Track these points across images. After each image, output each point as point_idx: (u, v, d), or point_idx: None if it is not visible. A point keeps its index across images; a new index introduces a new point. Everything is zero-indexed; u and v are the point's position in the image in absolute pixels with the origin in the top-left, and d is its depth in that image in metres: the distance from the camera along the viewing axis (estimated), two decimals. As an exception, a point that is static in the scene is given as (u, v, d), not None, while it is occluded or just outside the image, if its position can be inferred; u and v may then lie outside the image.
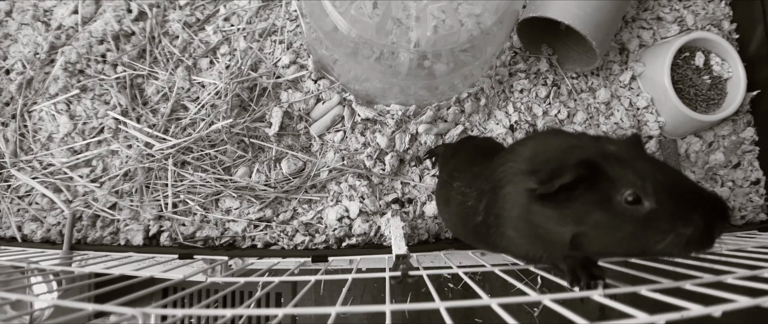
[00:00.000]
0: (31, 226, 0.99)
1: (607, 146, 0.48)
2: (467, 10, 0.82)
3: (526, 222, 0.50)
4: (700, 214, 0.43)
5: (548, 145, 0.51)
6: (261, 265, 0.86)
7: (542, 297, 0.39)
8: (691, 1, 1.12)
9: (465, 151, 0.82)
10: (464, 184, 0.65)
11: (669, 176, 0.45)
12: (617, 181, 0.44)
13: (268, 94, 1.00)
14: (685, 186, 0.45)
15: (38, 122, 1.04)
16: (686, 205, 0.43)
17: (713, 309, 0.33)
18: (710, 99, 1.06)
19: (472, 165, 0.69)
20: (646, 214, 0.44)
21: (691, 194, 0.45)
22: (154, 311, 0.40)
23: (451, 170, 0.74)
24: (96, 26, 1.03)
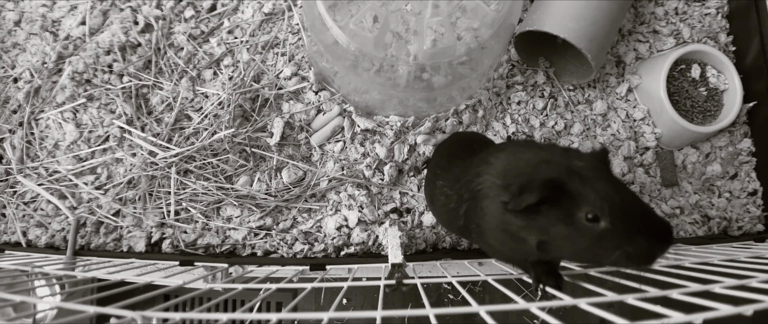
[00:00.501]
0: (36, 231, 1.01)
1: (574, 162, 0.53)
2: (465, 24, 0.84)
3: (502, 231, 0.56)
4: (645, 237, 0.49)
5: (519, 159, 0.57)
6: (260, 273, 0.87)
7: (529, 305, 0.40)
8: (687, 15, 1.14)
9: (446, 147, 0.85)
10: (446, 185, 0.70)
11: (625, 199, 0.51)
12: (579, 200, 0.50)
13: (270, 105, 1.02)
14: (637, 210, 0.51)
15: (45, 130, 1.06)
16: (635, 228, 0.49)
17: (694, 317, 0.34)
18: (706, 110, 1.07)
19: (452, 163, 0.74)
20: (600, 232, 0.50)
21: (641, 218, 0.50)
22: (154, 314, 0.41)
23: (434, 167, 0.80)
24: (103, 37, 1.06)
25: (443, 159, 0.79)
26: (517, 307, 0.40)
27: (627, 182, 1.04)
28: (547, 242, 0.52)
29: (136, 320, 0.41)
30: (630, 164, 1.06)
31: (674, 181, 1.06)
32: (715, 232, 1.04)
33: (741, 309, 0.37)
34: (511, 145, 0.66)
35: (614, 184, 0.52)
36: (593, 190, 0.50)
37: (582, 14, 0.93)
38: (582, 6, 0.93)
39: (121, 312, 0.41)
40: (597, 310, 0.41)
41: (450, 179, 0.69)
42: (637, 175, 1.05)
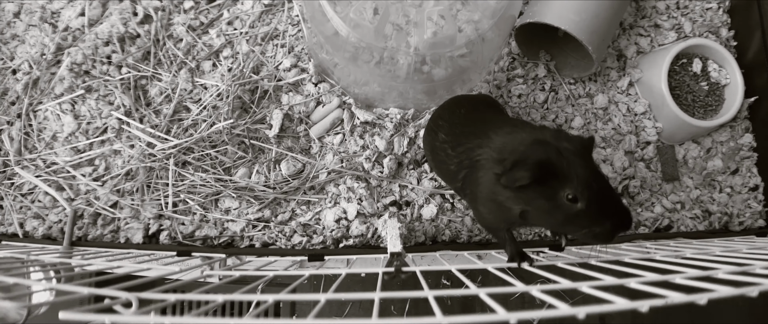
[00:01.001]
0: (33, 223, 1.00)
1: (563, 143, 0.59)
2: (466, 16, 0.84)
3: (492, 200, 0.65)
4: (610, 220, 0.58)
5: (515, 137, 0.64)
6: (258, 264, 0.87)
7: (530, 287, 0.40)
8: (688, 9, 1.14)
9: (451, 102, 0.87)
10: (448, 141, 0.76)
11: (600, 187, 0.59)
12: (563, 181, 0.57)
13: (269, 97, 1.02)
14: (608, 197, 0.60)
15: (43, 121, 1.06)
16: (603, 212, 0.58)
17: (640, 304, 0.34)
18: (708, 105, 1.07)
19: (456, 119, 0.79)
20: (576, 211, 0.58)
21: (610, 205, 0.59)
22: (149, 295, 0.41)
23: (437, 118, 0.84)
24: (102, 28, 1.05)
25: (446, 111, 0.83)
26: (515, 289, 0.39)
27: (627, 176, 1.04)
28: (528, 212, 0.61)
29: (131, 301, 0.40)
30: (631, 158, 1.05)
31: (675, 175, 1.06)
32: (716, 227, 1.04)
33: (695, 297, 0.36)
34: (510, 122, 0.72)
35: (593, 171, 0.59)
36: (576, 174, 0.57)
37: (584, 7, 0.92)
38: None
39: (115, 293, 0.41)
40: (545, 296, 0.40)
41: (452, 138, 0.75)
42: (638, 169, 1.05)
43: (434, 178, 1.00)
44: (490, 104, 0.87)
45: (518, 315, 0.31)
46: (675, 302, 0.33)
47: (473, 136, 0.70)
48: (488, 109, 0.83)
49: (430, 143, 0.83)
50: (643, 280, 0.41)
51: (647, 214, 1.03)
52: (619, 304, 0.33)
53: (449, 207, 0.99)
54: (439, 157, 0.78)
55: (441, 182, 0.99)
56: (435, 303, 0.37)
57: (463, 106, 0.83)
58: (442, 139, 0.78)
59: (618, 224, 0.59)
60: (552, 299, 0.36)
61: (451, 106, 0.85)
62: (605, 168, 1.03)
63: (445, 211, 0.99)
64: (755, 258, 0.54)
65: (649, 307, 0.32)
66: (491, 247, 0.92)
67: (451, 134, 0.76)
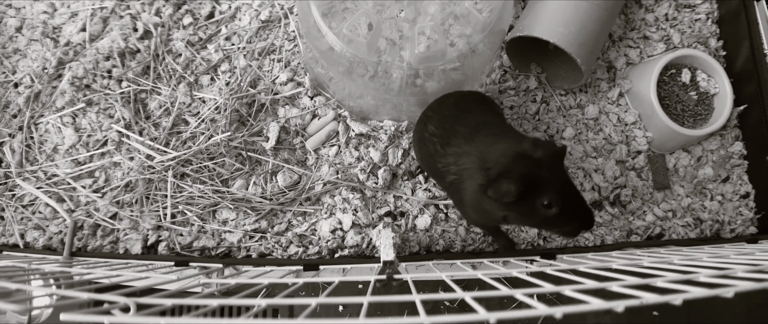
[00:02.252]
0: (34, 233, 1.02)
1: (539, 153, 0.66)
2: (458, 31, 0.86)
3: (477, 205, 0.73)
4: (578, 222, 0.71)
5: (498, 148, 0.70)
6: (255, 273, 0.88)
7: (515, 291, 0.41)
8: (677, 21, 1.16)
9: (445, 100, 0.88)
10: (436, 134, 0.80)
11: (570, 193, 0.70)
12: (540, 191, 0.66)
13: (266, 110, 1.04)
14: (577, 202, 0.71)
15: (44, 134, 1.08)
16: (572, 216, 0.70)
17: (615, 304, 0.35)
18: (697, 114, 1.09)
19: (445, 113, 0.83)
20: (550, 215, 0.68)
21: (578, 209, 0.71)
22: (148, 301, 0.42)
23: (428, 110, 0.87)
24: (103, 43, 1.08)
25: (436, 103, 0.87)
26: (501, 293, 0.40)
27: (619, 185, 1.05)
28: (510, 215, 0.71)
29: (129, 305, 0.42)
30: (622, 168, 1.07)
31: (666, 184, 1.07)
32: (707, 234, 1.05)
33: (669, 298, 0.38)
34: (495, 129, 0.77)
35: (564, 179, 0.70)
36: (551, 184, 0.66)
37: (571, 19, 0.95)
38: (571, 11, 0.95)
39: (114, 297, 0.42)
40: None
41: (441, 132, 0.80)
42: (630, 178, 1.06)
43: (428, 189, 1.01)
44: (482, 100, 0.88)
45: (497, 315, 0.32)
46: (649, 303, 0.35)
47: (461, 136, 0.76)
48: (478, 106, 0.85)
49: (419, 133, 0.86)
50: (624, 283, 0.42)
51: (639, 222, 1.04)
52: (594, 305, 0.34)
53: (443, 217, 1.01)
54: (427, 149, 0.82)
55: (435, 192, 1.01)
56: (420, 305, 0.38)
57: (452, 97, 0.86)
58: (430, 130, 0.82)
59: (582, 224, 0.71)
60: (534, 302, 0.38)
61: (440, 98, 0.88)
62: (597, 177, 1.05)
63: (439, 221, 1.00)
64: (738, 263, 0.55)
65: (624, 307, 0.34)
66: (484, 255, 0.94)
67: (440, 128, 0.80)
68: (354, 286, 1.02)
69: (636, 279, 0.47)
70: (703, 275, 0.49)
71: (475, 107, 0.84)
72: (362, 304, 0.41)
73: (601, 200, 1.05)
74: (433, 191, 1.01)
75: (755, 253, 0.75)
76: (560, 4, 0.96)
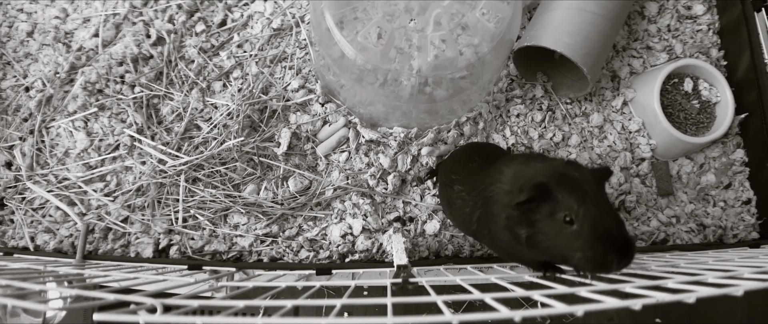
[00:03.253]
0: (44, 237, 1.02)
1: (571, 171, 0.60)
2: (466, 41, 0.88)
3: (505, 228, 0.64)
4: (605, 246, 0.56)
5: (528, 167, 0.65)
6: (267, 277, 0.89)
7: (531, 292, 0.43)
8: (679, 31, 1.18)
9: (462, 153, 0.89)
10: (464, 190, 0.76)
11: (599, 212, 0.58)
12: (561, 203, 0.58)
13: (278, 116, 1.06)
14: (607, 224, 0.57)
15: (55, 138, 1.09)
16: (598, 237, 0.56)
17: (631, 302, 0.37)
18: (700, 122, 1.11)
19: (468, 168, 0.80)
20: (571, 232, 0.57)
21: (607, 231, 0.57)
22: (174, 302, 0.43)
23: (448, 172, 0.85)
24: (116, 49, 1.10)
25: (459, 165, 0.84)
26: (517, 294, 0.42)
27: (623, 192, 1.07)
28: (533, 236, 0.61)
29: (156, 306, 0.43)
30: (626, 175, 1.09)
31: (670, 190, 1.09)
32: (710, 239, 1.07)
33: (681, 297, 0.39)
34: (522, 156, 0.72)
35: (597, 198, 0.59)
36: (575, 198, 0.57)
37: (577, 30, 0.97)
38: (577, 22, 0.98)
39: (141, 299, 0.44)
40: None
41: (468, 185, 0.76)
42: (634, 185, 1.08)
43: (437, 195, 1.03)
44: (499, 151, 0.90)
45: (522, 313, 0.34)
46: (663, 301, 0.36)
47: (486, 176, 0.71)
48: (500, 153, 0.86)
49: (447, 196, 0.84)
50: (636, 284, 0.44)
51: (644, 228, 1.06)
52: (609, 303, 0.36)
53: (451, 223, 1.02)
54: (457, 205, 0.79)
55: (443, 198, 1.02)
56: (443, 305, 0.40)
57: (476, 157, 0.84)
58: (457, 190, 0.79)
59: (614, 251, 0.56)
60: (553, 301, 0.39)
61: (462, 158, 0.86)
62: (602, 184, 1.07)
63: (448, 227, 1.02)
64: (743, 265, 0.57)
65: (640, 305, 0.35)
66: (493, 261, 0.95)
67: (466, 183, 0.78)
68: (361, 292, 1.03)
69: (647, 281, 0.49)
70: (710, 277, 0.51)
71: (496, 155, 0.84)
72: (386, 305, 0.43)
73: (606, 206, 1.06)
74: (442, 197, 1.03)
75: (759, 256, 0.77)
76: (567, 16, 0.99)
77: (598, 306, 0.38)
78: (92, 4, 1.17)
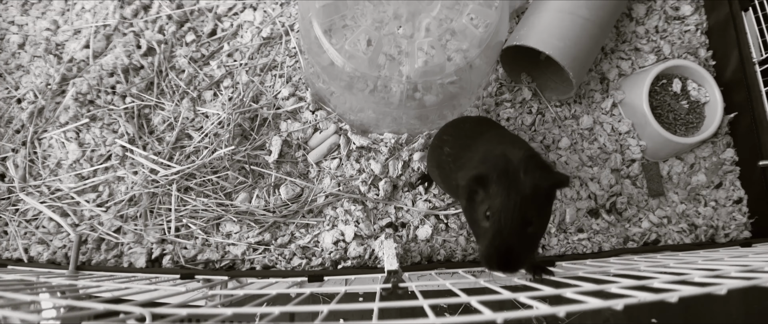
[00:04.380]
0: (38, 248, 1.02)
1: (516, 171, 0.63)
2: (455, 46, 0.88)
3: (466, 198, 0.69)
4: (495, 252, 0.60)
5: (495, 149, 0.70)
6: (260, 285, 0.89)
7: (518, 295, 0.43)
8: (667, 32, 1.19)
9: (458, 119, 0.93)
10: (451, 154, 0.81)
11: (509, 222, 0.61)
12: (489, 199, 0.63)
13: (269, 124, 1.06)
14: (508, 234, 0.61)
15: (48, 149, 1.09)
16: (493, 242, 0.61)
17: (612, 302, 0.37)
18: (689, 122, 1.12)
19: (459, 131, 0.85)
20: (483, 227, 0.63)
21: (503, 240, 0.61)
22: (163, 311, 0.43)
23: (442, 134, 0.89)
24: (107, 60, 1.10)
25: (452, 127, 0.89)
26: (503, 297, 0.42)
27: (615, 193, 1.07)
28: (470, 210, 0.67)
29: (145, 315, 0.43)
30: (617, 176, 1.09)
31: (660, 191, 1.10)
32: (702, 239, 1.07)
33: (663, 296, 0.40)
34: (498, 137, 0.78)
35: (521, 208, 0.61)
36: (500, 200, 0.61)
37: (566, 34, 0.98)
38: (567, 26, 0.98)
39: (130, 308, 0.44)
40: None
41: (455, 151, 0.82)
42: (625, 186, 1.09)
43: (428, 200, 1.03)
44: (492, 124, 0.92)
45: (504, 315, 0.34)
46: (646, 301, 0.36)
47: (469, 149, 0.77)
48: (491, 126, 0.88)
49: (437, 158, 0.88)
50: (621, 284, 0.44)
51: (635, 229, 1.06)
52: (592, 304, 0.36)
53: (444, 227, 1.03)
54: (445, 171, 0.84)
55: (435, 203, 1.03)
56: (429, 309, 0.40)
57: (467, 122, 0.89)
58: (446, 152, 0.84)
59: (497, 258, 0.60)
60: (536, 302, 0.39)
61: (456, 122, 0.91)
62: (593, 186, 1.07)
63: (440, 232, 1.02)
64: (731, 264, 0.57)
65: (622, 305, 0.36)
66: (485, 264, 0.95)
67: (454, 148, 0.82)
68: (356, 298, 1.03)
69: (633, 281, 0.49)
70: (697, 276, 0.51)
71: (487, 127, 0.87)
72: (372, 310, 0.43)
73: (597, 208, 1.07)
74: (434, 202, 1.03)
75: (749, 255, 0.77)
76: (557, 19, 0.99)
77: (582, 307, 0.38)
78: (83, 15, 1.17)
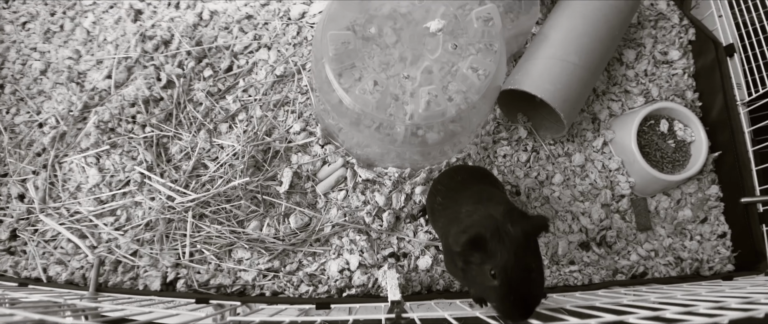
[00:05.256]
0: (56, 268, 1.07)
1: (507, 226, 0.67)
2: (455, 88, 0.95)
3: (448, 252, 0.77)
4: (513, 305, 0.65)
5: (479, 209, 0.74)
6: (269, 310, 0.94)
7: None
8: (656, 76, 1.27)
9: (451, 169, 0.99)
10: (442, 204, 0.87)
11: (517, 274, 0.65)
12: (490, 258, 0.66)
13: (280, 156, 1.13)
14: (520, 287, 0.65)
15: (68, 173, 1.14)
16: (508, 297, 0.65)
17: None
18: (675, 161, 1.18)
19: (452, 182, 0.90)
20: (492, 286, 0.66)
21: (517, 295, 0.65)
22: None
23: (437, 183, 0.95)
24: (128, 91, 1.17)
25: (446, 178, 0.95)
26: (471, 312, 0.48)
27: (604, 227, 1.14)
28: (467, 272, 0.71)
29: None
30: (607, 211, 1.15)
31: (648, 225, 1.16)
32: (687, 272, 1.13)
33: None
34: (478, 194, 0.82)
35: (521, 257, 0.65)
36: (501, 257, 0.65)
37: (558, 78, 1.05)
38: (558, 72, 1.06)
39: None
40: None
41: (446, 201, 0.87)
42: (614, 220, 1.15)
43: (429, 231, 1.09)
44: (484, 175, 0.97)
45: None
46: None
47: (456, 202, 0.82)
48: (481, 180, 0.93)
49: (430, 205, 0.95)
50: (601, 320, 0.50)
51: (624, 261, 1.12)
52: None
53: (443, 258, 1.08)
54: (436, 217, 0.90)
55: (435, 235, 1.09)
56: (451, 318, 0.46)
57: (460, 175, 0.95)
58: (439, 202, 0.89)
59: (516, 309, 0.65)
60: None
61: (450, 173, 0.97)
62: (584, 220, 1.13)
63: (439, 262, 1.08)
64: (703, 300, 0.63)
65: None
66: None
67: (446, 197, 0.88)
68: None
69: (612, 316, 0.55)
70: (669, 312, 0.57)
71: (477, 181, 0.92)
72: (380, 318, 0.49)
73: (588, 241, 1.13)
74: (434, 233, 1.09)
75: (725, 290, 0.83)
76: (549, 65, 1.07)
77: None
78: (105, 47, 1.24)
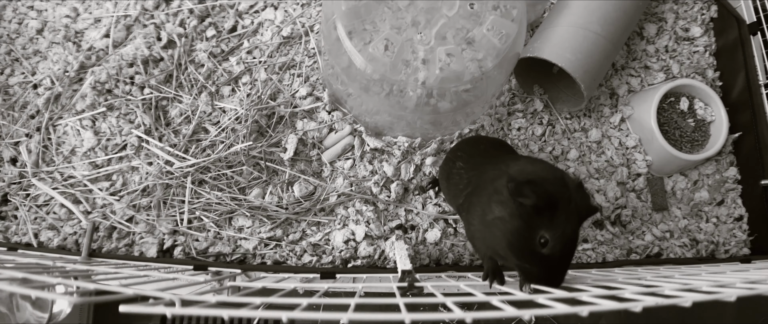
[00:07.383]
0: (48, 233, 1.03)
1: (576, 199, 0.60)
2: (471, 55, 0.91)
3: (480, 217, 0.66)
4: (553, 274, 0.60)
5: (536, 166, 0.66)
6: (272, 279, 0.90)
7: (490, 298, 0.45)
8: (676, 52, 1.22)
9: (473, 140, 0.94)
10: (464, 167, 0.80)
11: (566, 249, 0.60)
12: (550, 227, 0.58)
13: (285, 122, 1.08)
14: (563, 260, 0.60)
15: (62, 136, 1.10)
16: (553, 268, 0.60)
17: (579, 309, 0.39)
18: (694, 140, 1.14)
19: (475, 154, 0.84)
20: (539, 253, 0.59)
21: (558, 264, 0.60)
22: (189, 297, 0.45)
23: (456, 150, 0.89)
24: (127, 50, 1.11)
25: (466, 145, 0.90)
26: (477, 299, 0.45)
27: (620, 206, 1.10)
28: (502, 223, 0.61)
29: (174, 301, 0.45)
30: (623, 189, 1.11)
31: (664, 206, 1.12)
32: (703, 255, 1.10)
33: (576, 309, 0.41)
34: (526, 157, 0.76)
35: (577, 235, 0.61)
36: (562, 230, 0.58)
37: (579, 48, 1.00)
38: (579, 41, 1.01)
39: (159, 293, 0.45)
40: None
41: (469, 164, 0.80)
42: (630, 199, 1.11)
43: (438, 204, 1.05)
44: (505, 146, 0.92)
45: (531, 312, 0.36)
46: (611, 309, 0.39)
47: (489, 165, 0.75)
48: (503, 151, 0.89)
49: (447, 171, 0.88)
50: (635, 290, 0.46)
51: (638, 241, 1.08)
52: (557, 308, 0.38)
53: (452, 231, 1.05)
54: (454, 180, 0.83)
55: (445, 208, 1.05)
56: (453, 305, 0.42)
57: (483, 143, 0.90)
58: (459, 166, 0.83)
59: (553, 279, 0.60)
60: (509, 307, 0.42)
61: (471, 141, 0.92)
62: (599, 198, 1.09)
63: (449, 236, 1.04)
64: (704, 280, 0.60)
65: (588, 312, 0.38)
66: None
67: (468, 162, 0.82)
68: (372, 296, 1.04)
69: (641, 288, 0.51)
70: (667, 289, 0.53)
71: (506, 151, 0.88)
72: (398, 305, 0.45)
73: (602, 220, 1.09)
74: (443, 206, 1.05)
75: (750, 270, 0.79)
76: (571, 33, 1.02)
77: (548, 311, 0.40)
78: (103, 4, 1.19)
